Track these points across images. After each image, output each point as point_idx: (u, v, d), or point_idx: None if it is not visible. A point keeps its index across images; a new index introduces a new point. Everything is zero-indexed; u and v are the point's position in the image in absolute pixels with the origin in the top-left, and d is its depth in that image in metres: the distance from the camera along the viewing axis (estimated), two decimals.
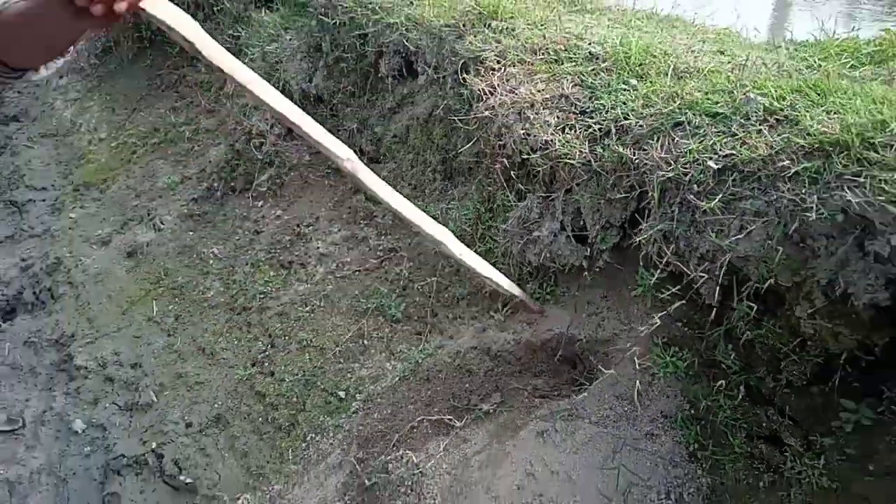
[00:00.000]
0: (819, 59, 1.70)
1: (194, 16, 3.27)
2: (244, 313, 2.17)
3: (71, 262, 2.75)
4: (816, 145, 1.10)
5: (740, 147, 1.20)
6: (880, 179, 1.01)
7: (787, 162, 1.10)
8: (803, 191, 1.08)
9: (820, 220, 1.07)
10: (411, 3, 2.23)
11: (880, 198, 0.99)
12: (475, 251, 1.86)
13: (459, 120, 1.81)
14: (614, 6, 2.41)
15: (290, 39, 2.63)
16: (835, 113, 1.16)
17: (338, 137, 2.41)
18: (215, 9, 3.10)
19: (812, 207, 1.06)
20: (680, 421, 1.36)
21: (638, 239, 1.32)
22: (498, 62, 1.79)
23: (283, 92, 2.51)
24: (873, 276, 1.05)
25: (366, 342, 1.90)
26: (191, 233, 2.58)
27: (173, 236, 2.61)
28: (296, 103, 2.52)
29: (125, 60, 3.91)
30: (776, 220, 1.12)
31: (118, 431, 2.03)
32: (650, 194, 1.31)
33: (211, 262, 2.42)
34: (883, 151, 1.03)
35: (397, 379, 1.73)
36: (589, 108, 1.55)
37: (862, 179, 1.02)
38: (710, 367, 1.35)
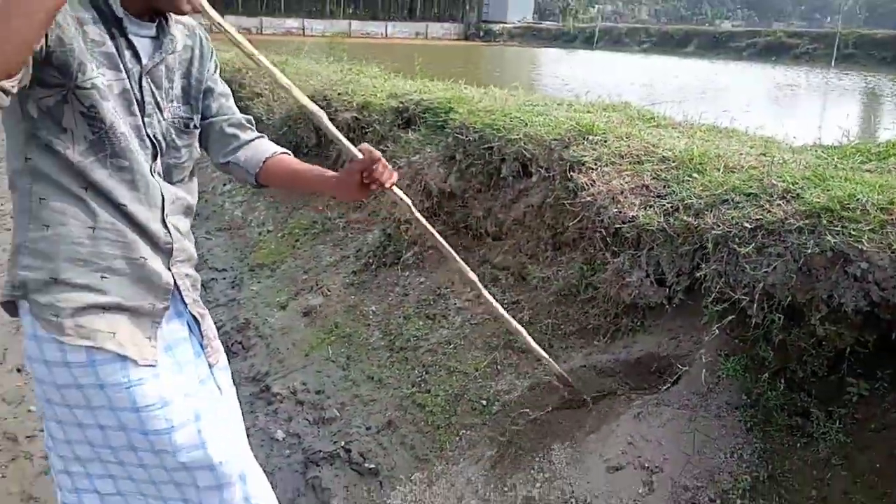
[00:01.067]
0: (838, 158, 2.33)
1: (347, 135, 4.24)
2: (401, 352, 2.87)
3: (258, 321, 3.56)
4: (813, 210, 1.73)
5: (766, 214, 1.84)
6: (850, 228, 1.63)
7: (794, 221, 1.74)
8: (804, 238, 1.70)
9: (816, 256, 1.68)
10: (526, 124, 3.02)
11: (849, 239, 1.61)
12: (580, 299, 2.52)
13: (568, 204, 2.52)
14: (683, 121, 3.14)
15: (430, 152, 3.49)
16: (827, 190, 1.79)
17: (467, 224, 3.17)
18: (366, 130, 4.04)
19: (810, 249, 1.68)
20: (739, 407, 1.92)
21: (699, 274, 1.96)
22: (595, 164, 2.52)
23: (423, 190, 3.33)
24: (854, 290, 1.64)
25: (499, 367, 2.55)
26: (353, 296, 3.36)
27: (339, 300, 3.39)
28: (434, 198, 3.31)
29: None
30: (790, 258, 1.74)
31: (311, 438, 2.71)
32: (708, 247, 1.95)
33: (371, 317, 3.17)
34: (852, 212, 1.66)
35: (526, 389, 2.36)
36: (663, 193, 2.23)
37: (839, 229, 1.64)
38: (758, 367, 1.91)
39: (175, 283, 1.42)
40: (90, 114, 1.23)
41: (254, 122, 1.60)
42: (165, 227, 1.38)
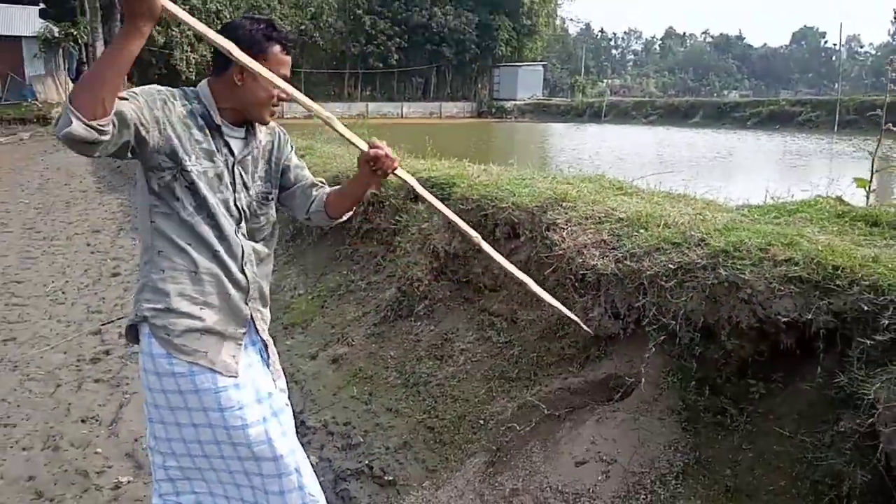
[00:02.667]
0: (757, 215, 2.92)
1: (366, 210, 4.97)
2: (415, 387, 3.42)
3: (292, 370, 4.13)
4: (715, 252, 2.31)
5: (684, 257, 2.42)
6: (737, 265, 2.20)
7: (701, 261, 2.32)
8: (708, 273, 2.28)
9: (717, 286, 2.25)
10: (514, 194, 3.66)
11: (737, 272, 2.18)
12: (558, 335, 3.07)
13: (546, 257, 3.12)
14: (645, 189, 3.76)
15: (436, 220, 4.13)
16: (727, 238, 2.37)
17: (468, 279, 3.73)
18: (384, 204, 4.71)
19: (712, 280, 2.25)
20: (676, 410, 2.44)
21: (638, 305, 2.52)
22: (566, 224, 3.13)
23: (432, 252, 3.93)
24: (746, 311, 2.19)
25: (493, 394, 3.08)
26: (373, 345, 3.93)
27: (362, 348, 3.97)
28: (441, 259, 3.91)
29: (313, 242, 5.61)
30: (701, 289, 2.31)
31: (340, 460, 3.23)
32: (645, 285, 2.52)
33: (389, 360, 3.73)
34: (740, 252, 2.24)
35: (515, 409, 2.89)
36: (617, 245, 2.82)
37: (730, 265, 2.22)
38: (688, 377, 2.44)
39: (251, 315, 1.99)
40: (192, 189, 1.84)
41: (325, 181, 2.18)
42: (243, 273, 1.96)
